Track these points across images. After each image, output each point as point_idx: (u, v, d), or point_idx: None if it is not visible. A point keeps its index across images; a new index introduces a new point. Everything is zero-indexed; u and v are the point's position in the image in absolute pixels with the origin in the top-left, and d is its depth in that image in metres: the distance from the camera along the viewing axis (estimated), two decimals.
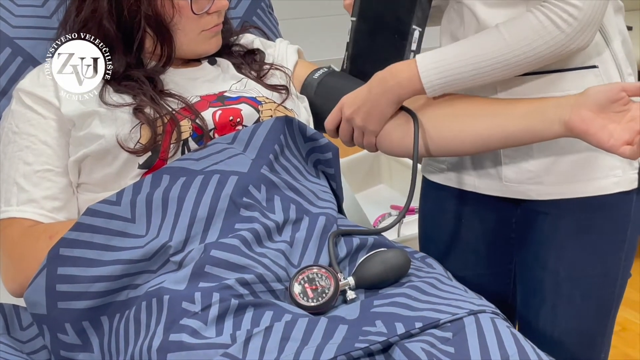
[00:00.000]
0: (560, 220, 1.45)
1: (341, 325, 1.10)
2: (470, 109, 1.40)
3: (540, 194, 1.45)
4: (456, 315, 1.13)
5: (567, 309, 1.48)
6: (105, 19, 1.40)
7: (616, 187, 1.42)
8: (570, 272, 1.47)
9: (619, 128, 1.24)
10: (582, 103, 1.27)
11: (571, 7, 1.29)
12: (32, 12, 1.59)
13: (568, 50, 1.32)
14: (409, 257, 1.27)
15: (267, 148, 1.36)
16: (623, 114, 1.25)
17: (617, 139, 1.23)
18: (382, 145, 1.47)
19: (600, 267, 1.46)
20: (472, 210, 1.58)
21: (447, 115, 1.41)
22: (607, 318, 1.51)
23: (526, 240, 1.52)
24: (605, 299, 1.49)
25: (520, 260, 1.56)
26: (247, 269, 1.17)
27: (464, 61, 1.35)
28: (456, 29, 1.47)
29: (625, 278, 1.51)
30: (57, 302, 1.20)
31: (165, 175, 1.29)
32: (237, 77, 1.52)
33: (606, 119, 1.25)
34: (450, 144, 1.42)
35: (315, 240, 1.27)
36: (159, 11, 1.40)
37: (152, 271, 1.21)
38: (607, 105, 1.25)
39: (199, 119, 1.37)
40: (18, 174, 1.36)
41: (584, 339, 1.51)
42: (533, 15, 1.31)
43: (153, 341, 1.10)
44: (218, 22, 1.47)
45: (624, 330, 2.75)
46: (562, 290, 1.48)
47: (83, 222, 1.23)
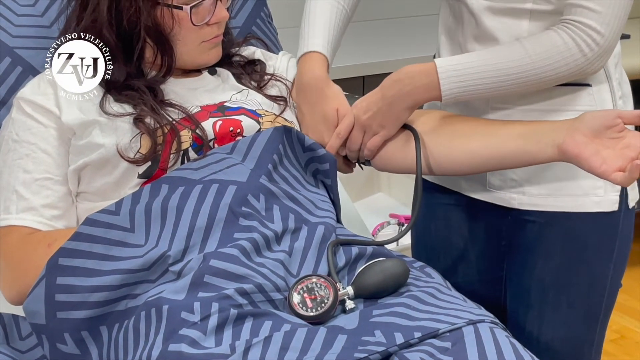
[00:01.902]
0: (547, 229, 1.46)
1: (340, 335, 1.10)
2: (466, 129, 1.42)
3: (523, 203, 1.47)
4: (455, 325, 1.13)
5: (553, 316, 1.49)
6: (105, 29, 1.40)
7: (597, 207, 1.43)
8: (556, 279, 1.48)
9: (613, 154, 1.24)
10: (576, 127, 1.28)
11: (595, 33, 1.31)
12: (32, 21, 1.59)
13: (584, 73, 1.35)
14: (407, 266, 1.27)
15: (266, 158, 1.36)
16: (618, 141, 1.25)
17: (610, 165, 1.23)
18: (382, 164, 1.48)
19: (586, 275, 1.47)
20: (462, 218, 1.58)
21: (445, 134, 1.42)
22: (595, 326, 1.51)
23: (514, 247, 1.53)
24: (592, 308, 1.50)
25: (509, 268, 1.57)
26: (246, 278, 1.17)
27: (485, 73, 1.36)
28: (454, 29, 1.48)
29: (615, 287, 1.51)
30: (56, 312, 1.20)
31: (164, 185, 1.29)
32: (238, 88, 1.52)
33: (600, 144, 1.25)
34: (447, 163, 1.42)
35: (314, 249, 1.27)
36: (159, 22, 1.41)
37: (151, 281, 1.21)
38: (601, 130, 1.26)
39: (199, 129, 1.38)
40: (17, 182, 1.36)
41: (571, 347, 1.52)
42: (559, 36, 1.33)
43: (152, 351, 1.10)
44: (218, 33, 1.47)
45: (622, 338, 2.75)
46: (548, 298, 1.49)
47: (82, 232, 1.23)
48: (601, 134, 1.26)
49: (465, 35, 1.47)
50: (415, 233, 1.71)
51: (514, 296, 1.56)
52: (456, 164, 1.42)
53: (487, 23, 1.41)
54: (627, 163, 1.21)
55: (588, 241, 1.45)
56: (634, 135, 1.25)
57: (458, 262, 1.62)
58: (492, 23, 1.41)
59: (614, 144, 1.25)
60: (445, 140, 1.42)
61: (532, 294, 1.51)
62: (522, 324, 1.52)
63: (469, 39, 1.46)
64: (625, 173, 1.21)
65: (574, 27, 1.32)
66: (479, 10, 1.42)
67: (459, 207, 1.58)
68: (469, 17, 1.44)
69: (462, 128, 1.42)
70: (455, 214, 1.59)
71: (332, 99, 1.48)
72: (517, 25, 1.40)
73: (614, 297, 1.52)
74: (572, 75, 1.35)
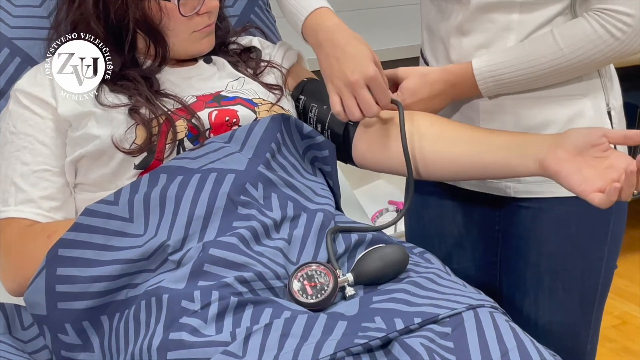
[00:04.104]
0: (541, 214, 1.46)
1: (340, 322, 1.11)
2: (451, 135, 1.39)
3: (518, 191, 1.47)
4: (455, 310, 1.13)
5: (549, 301, 1.49)
6: (93, 22, 1.40)
7: None
8: (551, 265, 1.48)
9: (594, 174, 1.21)
10: (560, 143, 1.25)
11: (625, 16, 1.33)
12: (30, 12, 1.58)
13: (623, 55, 1.36)
14: (407, 252, 1.27)
15: (264, 146, 1.36)
16: (601, 160, 1.22)
17: (590, 184, 1.20)
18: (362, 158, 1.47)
19: (581, 260, 1.47)
20: (456, 204, 1.59)
21: (429, 137, 1.39)
22: (591, 310, 1.52)
23: (509, 233, 1.54)
24: (588, 292, 1.50)
25: (503, 254, 1.58)
26: (245, 267, 1.18)
27: (518, 65, 1.39)
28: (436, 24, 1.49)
29: (610, 270, 1.51)
30: (56, 303, 1.21)
31: (163, 174, 1.29)
32: (235, 75, 1.51)
33: (582, 162, 1.23)
34: (428, 167, 1.40)
35: (313, 236, 1.27)
36: (147, 14, 1.40)
37: (151, 270, 1.21)
38: (585, 148, 1.23)
39: (195, 118, 1.37)
40: (16, 174, 1.37)
41: (568, 331, 1.52)
42: (588, 25, 1.35)
43: (153, 340, 1.11)
44: (209, 22, 1.47)
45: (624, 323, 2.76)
46: (544, 284, 1.49)
47: (81, 223, 1.23)
48: (585, 151, 1.23)
49: (449, 30, 1.47)
50: (408, 222, 1.70)
51: (510, 282, 1.57)
52: (436, 168, 1.39)
53: (476, 17, 1.41)
54: (607, 184, 1.18)
55: (581, 225, 1.45)
56: (619, 155, 1.22)
57: (453, 250, 1.62)
58: (481, 16, 1.41)
59: (597, 163, 1.22)
60: (428, 144, 1.39)
61: (528, 279, 1.51)
62: (518, 309, 1.53)
63: (453, 33, 1.46)
64: (604, 195, 1.18)
65: (603, 13, 1.34)
66: (467, 4, 1.41)
67: (452, 195, 1.58)
68: (456, 12, 1.44)
69: (447, 133, 1.40)
70: (449, 203, 1.59)
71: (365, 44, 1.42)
72: (507, 18, 1.40)
73: (609, 279, 1.52)
74: (611, 59, 1.38)
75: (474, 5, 1.41)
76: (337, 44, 1.38)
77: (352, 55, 1.37)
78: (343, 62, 1.37)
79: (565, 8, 1.40)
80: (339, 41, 1.39)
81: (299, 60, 1.64)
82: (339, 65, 1.37)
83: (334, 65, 1.38)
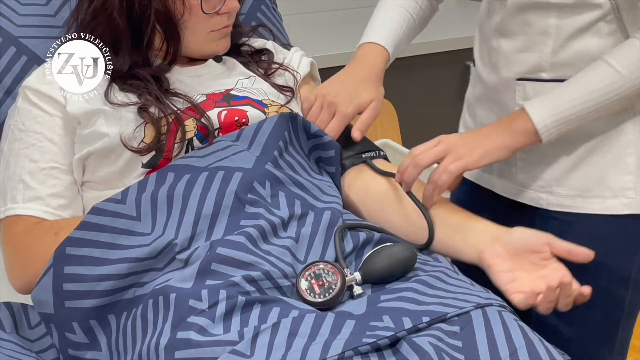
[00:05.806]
0: (569, 227, 1.42)
1: (348, 321, 1.10)
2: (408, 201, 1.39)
3: (551, 203, 1.45)
4: (463, 308, 1.13)
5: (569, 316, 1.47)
6: (116, 12, 1.40)
7: (625, 209, 1.40)
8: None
9: (526, 279, 1.21)
10: (501, 238, 1.26)
11: None
12: (37, 10, 1.58)
13: None
14: (415, 251, 1.27)
15: (272, 144, 1.36)
16: (537, 267, 1.23)
17: (516, 286, 1.21)
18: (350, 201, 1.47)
19: (605, 277, 1.43)
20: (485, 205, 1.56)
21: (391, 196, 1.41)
22: (615, 329, 1.49)
23: None
24: (611, 310, 1.47)
25: None
26: (253, 265, 1.17)
27: (580, 99, 1.32)
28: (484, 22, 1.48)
29: (638, 292, 1.47)
30: (64, 301, 1.21)
31: (170, 173, 1.29)
32: (246, 74, 1.52)
33: (517, 264, 1.23)
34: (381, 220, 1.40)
35: (321, 235, 1.27)
36: (170, 7, 1.40)
37: (158, 269, 1.21)
38: (524, 252, 1.24)
39: (204, 118, 1.37)
40: (24, 172, 1.37)
41: (588, 348, 1.49)
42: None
43: (160, 339, 1.10)
44: (228, 23, 1.47)
45: None
46: None
47: (89, 221, 1.23)
48: (522, 255, 1.24)
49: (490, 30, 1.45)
50: None
51: None
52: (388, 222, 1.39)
53: (513, 16, 1.40)
54: (533, 293, 1.19)
55: (610, 244, 1.41)
56: (557, 269, 1.21)
57: None
58: (518, 17, 1.39)
59: (531, 269, 1.22)
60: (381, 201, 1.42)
61: None
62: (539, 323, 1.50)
63: (493, 33, 1.45)
64: (525, 295, 1.19)
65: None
66: (505, 2, 1.40)
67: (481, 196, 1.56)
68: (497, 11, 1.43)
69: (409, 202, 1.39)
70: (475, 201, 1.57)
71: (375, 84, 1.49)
72: (544, 21, 1.37)
73: (636, 301, 1.48)
74: None
75: (510, 4, 1.39)
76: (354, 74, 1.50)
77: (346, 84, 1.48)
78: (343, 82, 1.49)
79: (606, 14, 1.34)
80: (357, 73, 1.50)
81: (312, 70, 1.64)
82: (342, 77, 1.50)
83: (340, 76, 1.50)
